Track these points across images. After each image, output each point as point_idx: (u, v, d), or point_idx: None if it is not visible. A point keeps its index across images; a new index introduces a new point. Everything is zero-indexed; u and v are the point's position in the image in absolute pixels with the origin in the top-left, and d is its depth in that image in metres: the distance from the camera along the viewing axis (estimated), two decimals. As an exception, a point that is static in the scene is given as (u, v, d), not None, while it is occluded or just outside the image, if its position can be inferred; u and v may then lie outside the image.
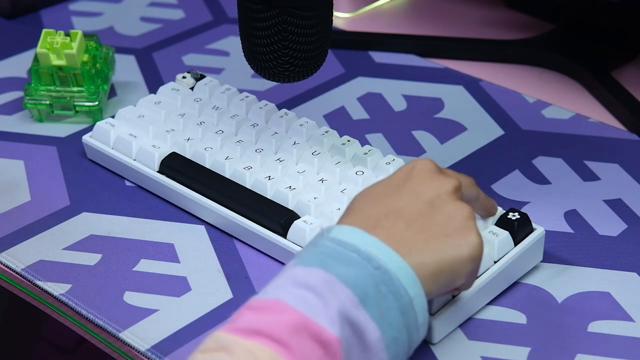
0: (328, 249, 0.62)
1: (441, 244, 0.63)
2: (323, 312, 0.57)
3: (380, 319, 0.60)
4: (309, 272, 0.60)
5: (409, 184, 0.66)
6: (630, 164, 0.87)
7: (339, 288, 0.59)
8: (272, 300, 0.58)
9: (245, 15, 0.74)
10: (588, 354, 0.68)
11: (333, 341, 0.57)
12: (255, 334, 0.56)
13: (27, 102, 0.93)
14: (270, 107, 0.87)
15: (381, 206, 0.65)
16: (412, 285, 0.61)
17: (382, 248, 0.62)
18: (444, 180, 0.66)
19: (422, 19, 1.12)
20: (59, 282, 0.75)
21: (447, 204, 0.65)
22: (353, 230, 0.63)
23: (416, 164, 0.67)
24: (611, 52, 1.01)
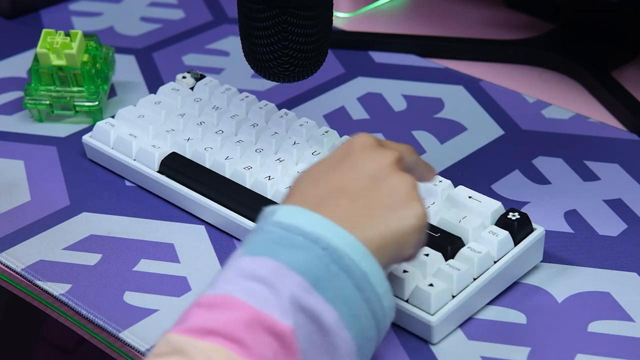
0: (274, 234, 0.61)
1: (386, 216, 0.63)
2: (275, 304, 0.57)
3: (335, 299, 0.59)
4: (257, 261, 0.59)
5: (349, 159, 0.65)
6: (630, 164, 0.87)
7: (288, 276, 0.58)
8: (222, 296, 0.57)
9: (245, 15, 0.74)
10: (588, 354, 0.68)
11: (288, 332, 0.56)
12: (209, 333, 0.55)
13: (27, 102, 0.93)
14: (270, 107, 0.87)
15: (323, 185, 0.64)
16: (364, 259, 0.61)
17: (328, 226, 0.61)
18: (384, 152, 0.66)
19: (422, 19, 1.12)
20: (59, 282, 0.75)
21: (389, 176, 0.64)
22: (297, 210, 0.62)
23: (354, 140, 0.66)
24: (611, 52, 1.01)
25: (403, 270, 0.69)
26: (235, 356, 0.54)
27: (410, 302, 0.69)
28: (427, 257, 0.70)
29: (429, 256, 0.70)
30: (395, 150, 0.66)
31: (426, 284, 0.68)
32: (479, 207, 0.74)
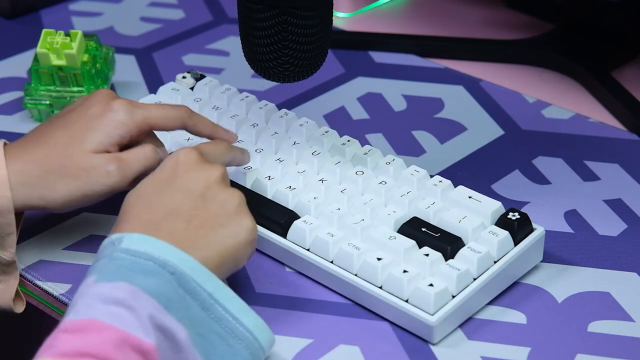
0: (125, 261, 0.63)
1: (221, 235, 0.67)
2: (137, 324, 0.59)
3: (184, 319, 0.62)
4: (114, 287, 0.61)
5: (178, 179, 0.68)
6: (630, 164, 0.87)
7: (144, 299, 0.61)
8: (87, 320, 0.59)
9: (245, 15, 0.74)
10: (588, 354, 0.68)
11: (152, 350, 0.59)
12: (82, 356, 0.56)
13: (27, 102, 0.93)
14: (270, 107, 0.87)
15: (157, 208, 0.67)
16: (208, 281, 0.64)
17: (173, 252, 0.64)
18: (210, 170, 0.69)
19: (422, 19, 1.12)
20: (59, 282, 0.75)
21: (217, 193, 0.68)
22: (143, 238, 0.64)
23: (179, 157, 0.69)
24: (611, 52, 1.01)
25: (403, 270, 0.69)
26: None
27: (410, 302, 0.69)
28: (427, 257, 0.70)
29: (429, 256, 0.70)
30: (219, 166, 0.70)
31: (426, 284, 0.68)
32: (479, 207, 0.74)
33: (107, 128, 0.73)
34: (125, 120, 0.73)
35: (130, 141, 0.74)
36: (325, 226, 0.74)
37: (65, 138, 0.73)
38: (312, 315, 0.72)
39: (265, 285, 0.74)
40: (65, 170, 0.72)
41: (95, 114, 0.74)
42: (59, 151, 0.72)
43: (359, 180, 0.78)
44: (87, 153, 0.72)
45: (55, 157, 0.72)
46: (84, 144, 0.72)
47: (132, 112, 0.74)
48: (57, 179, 0.72)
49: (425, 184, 0.77)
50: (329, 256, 0.73)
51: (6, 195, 0.71)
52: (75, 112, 0.75)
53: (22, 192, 0.72)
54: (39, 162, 0.72)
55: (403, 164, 0.80)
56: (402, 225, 0.74)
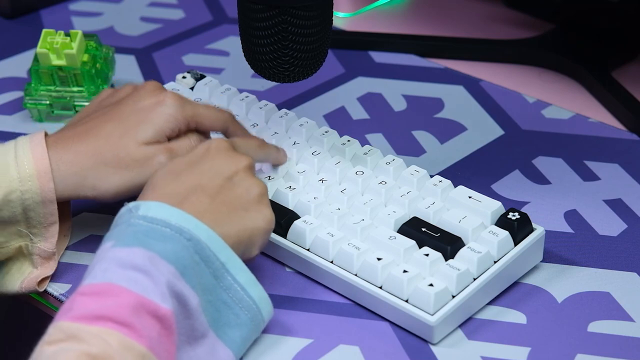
0: (142, 227, 0.64)
1: (241, 216, 0.68)
2: (154, 290, 0.61)
3: (198, 286, 0.64)
4: (132, 252, 0.62)
5: (208, 161, 0.70)
6: (630, 164, 0.87)
7: (161, 264, 0.62)
8: (105, 284, 0.60)
9: (245, 15, 0.74)
10: (588, 354, 0.68)
11: (168, 315, 0.60)
12: (99, 319, 0.58)
13: (27, 102, 0.93)
14: (270, 107, 0.87)
15: (184, 183, 0.68)
16: (222, 251, 0.66)
17: (190, 220, 0.65)
18: (239, 158, 0.71)
19: (422, 19, 1.12)
20: (59, 282, 0.75)
21: (244, 180, 0.70)
22: (161, 205, 0.66)
23: (211, 144, 0.72)
24: (611, 52, 1.01)
25: (403, 270, 0.69)
26: (127, 339, 0.58)
27: (410, 302, 0.69)
28: (427, 257, 0.70)
29: (429, 256, 0.70)
30: (248, 157, 0.72)
31: (426, 284, 0.68)
32: (479, 207, 0.74)
33: (159, 121, 0.74)
34: (176, 114, 0.75)
35: (178, 135, 0.76)
36: (325, 226, 0.74)
37: (118, 130, 0.74)
38: (312, 315, 0.72)
39: (265, 285, 0.74)
40: (118, 161, 0.73)
41: (146, 106, 0.75)
42: (112, 143, 0.73)
43: (359, 180, 0.78)
44: (140, 145, 0.73)
45: (108, 148, 0.73)
46: (137, 136, 0.73)
47: (182, 107, 0.75)
48: (110, 170, 0.73)
49: (425, 184, 0.77)
50: (329, 256, 0.73)
51: (49, 186, 0.72)
52: (126, 104, 0.75)
53: (74, 182, 0.73)
54: (91, 154, 0.73)
55: (403, 164, 0.80)
56: (402, 225, 0.74)
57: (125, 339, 0.57)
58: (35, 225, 0.73)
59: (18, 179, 0.71)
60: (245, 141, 0.76)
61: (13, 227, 0.72)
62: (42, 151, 0.72)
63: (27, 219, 0.72)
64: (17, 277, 0.74)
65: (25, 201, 0.71)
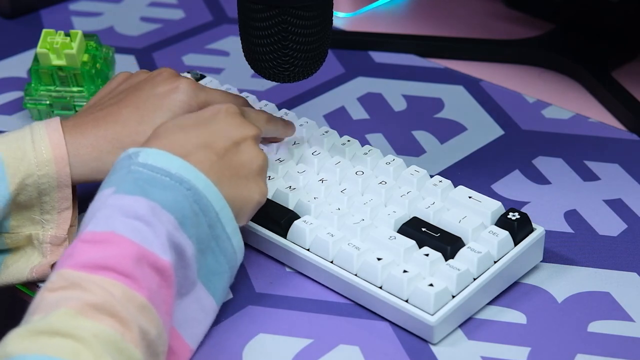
0: (143, 174, 0.65)
1: (241, 183, 0.69)
2: (155, 241, 0.61)
3: (194, 236, 0.65)
4: (134, 200, 0.63)
5: (217, 122, 0.71)
6: (630, 164, 0.87)
7: (163, 214, 0.63)
8: (108, 232, 0.61)
9: (245, 15, 0.74)
10: (588, 354, 0.68)
11: (167, 266, 0.61)
12: (102, 268, 0.58)
13: (27, 102, 0.93)
14: (270, 107, 0.87)
15: (191, 138, 0.69)
16: (217, 200, 0.66)
17: (189, 169, 0.66)
18: (249, 126, 0.72)
19: (422, 19, 1.12)
20: (59, 282, 0.75)
21: (250, 148, 0.71)
22: (160, 153, 0.66)
23: (222, 107, 0.72)
24: (611, 52, 1.01)
25: (403, 270, 0.69)
26: (129, 289, 0.58)
27: (410, 302, 0.69)
28: (427, 257, 0.70)
29: (429, 256, 0.70)
30: (257, 127, 0.72)
31: (426, 284, 0.68)
32: (479, 207, 0.74)
33: (173, 107, 0.75)
34: (190, 101, 0.76)
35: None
36: (325, 226, 0.74)
37: (135, 116, 0.75)
38: (312, 315, 0.72)
39: (265, 285, 0.74)
40: (136, 146, 0.73)
41: (162, 93, 0.76)
42: (131, 128, 0.74)
43: (359, 180, 0.78)
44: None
45: (126, 134, 0.74)
46: (155, 121, 0.74)
47: (196, 94, 0.76)
48: None
49: (425, 184, 0.77)
50: (329, 256, 0.73)
51: (66, 171, 0.73)
52: (143, 89, 0.77)
53: (93, 167, 0.74)
54: (110, 138, 0.74)
55: (403, 164, 0.80)
56: (402, 225, 0.74)
57: (127, 289, 0.58)
58: (48, 211, 0.73)
59: (35, 164, 0.72)
60: (256, 112, 0.77)
61: (27, 213, 0.73)
62: (59, 137, 0.73)
63: (42, 204, 0.73)
64: (25, 266, 0.74)
65: (41, 185, 0.72)
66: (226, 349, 0.68)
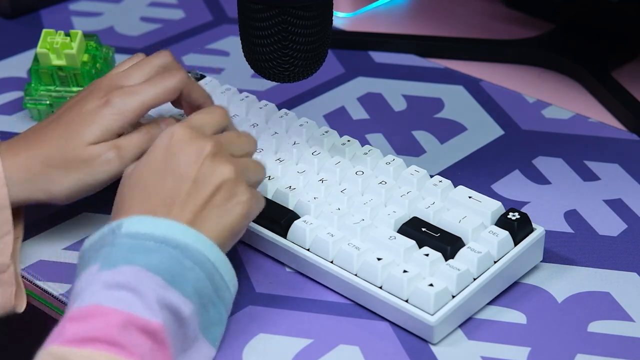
0: (126, 245, 0.64)
1: (218, 213, 0.67)
2: (142, 305, 0.60)
3: (192, 292, 0.64)
4: (117, 272, 0.62)
5: (170, 163, 0.68)
6: (630, 164, 0.87)
7: (147, 277, 0.62)
8: (92, 306, 0.60)
9: (245, 15, 0.74)
10: (588, 354, 0.68)
11: (159, 329, 0.60)
12: (88, 341, 0.57)
13: (27, 102, 0.93)
14: (270, 107, 0.87)
15: (152, 197, 0.67)
16: (211, 250, 0.66)
17: (174, 226, 0.65)
18: (202, 145, 0.68)
19: (422, 19, 1.12)
20: (59, 282, 0.75)
21: (210, 175, 0.68)
22: (142, 219, 0.65)
23: (172, 136, 0.69)
24: (611, 52, 1.01)
25: (403, 270, 0.69)
26: (119, 358, 0.58)
27: (410, 302, 0.69)
28: (427, 257, 0.70)
29: (429, 256, 0.70)
30: (210, 140, 0.69)
31: (426, 284, 0.68)
32: (479, 207, 0.74)
33: (105, 121, 0.74)
34: (124, 112, 0.74)
35: (130, 127, 0.76)
36: (325, 226, 0.74)
37: (65, 134, 0.74)
38: (312, 315, 0.72)
39: (265, 285, 0.74)
40: (67, 163, 0.73)
41: (92, 109, 0.75)
42: (60, 146, 0.74)
43: (359, 180, 0.78)
44: (87, 145, 0.74)
45: (57, 152, 0.73)
46: (84, 137, 0.74)
47: (128, 103, 0.74)
48: (60, 173, 0.73)
49: (425, 184, 0.77)
50: (329, 256, 0.73)
51: (3, 192, 0.72)
52: (72, 109, 0.76)
53: (27, 188, 0.73)
54: (41, 158, 0.73)
55: (403, 164, 0.80)
56: (402, 225, 0.74)
57: (116, 358, 0.57)
58: None
59: None
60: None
61: None
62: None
63: None
64: None
65: None
66: (226, 349, 0.68)
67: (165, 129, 0.73)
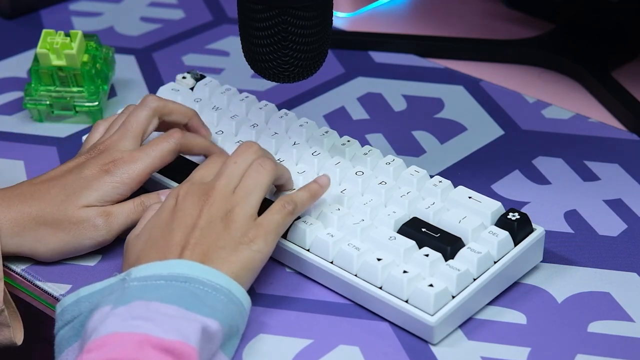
0: (137, 287, 0.65)
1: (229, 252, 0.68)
2: (157, 328, 0.61)
3: (210, 312, 0.64)
4: (130, 306, 0.63)
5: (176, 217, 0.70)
6: (630, 164, 0.87)
7: (161, 307, 0.63)
8: (107, 335, 0.61)
9: (245, 16, 0.74)
10: (588, 354, 0.68)
11: (177, 346, 0.60)
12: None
13: (27, 102, 0.93)
14: (270, 107, 0.87)
15: (161, 246, 0.69)
16: (220, 278, 0.66)
17: (181, 264, 0.66)
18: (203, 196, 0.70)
19: (422, 19, 1.12)
20: (59, 282, 0.75)
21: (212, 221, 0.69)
22: (150, 264, 0.66)
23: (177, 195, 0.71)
24: (611, 52, 1.01)
25: (403, 270, 0.69)
26: None
27: (410, 303, 0.69)
28: (427, 257, 0.70)
29: (428, 256, 0.70)
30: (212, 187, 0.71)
31: (426, 284, 0.68)
32: (479, 207, 0.74)
33: (105, 188, 0.75)
34: (125, 181, 0.76)
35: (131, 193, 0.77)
36: (325, 226, 0.74)
37: (61, 195, 0.75)
38: (312, 315, 0.72)
39: (265, 285, 0.74)
40: (57, 224, 0.74)
41: (91, 175, 0.75)
42: (54, 206, 0.74)
43: (359, 180, 0.78)
44: (80, 208, 0.74)
45: (50, 210, 0.74)
46: (79, 200, 0.74)
47: (129, 171, 0.76)
48: (49, 232, 0.74)
49: (425, 184, 0.77)
50: (329, 256, 0.73)
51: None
52: (71, 173, 0.76)
53: (15, 243, 0.74)
54: (34, 216, 0.74)
55: (403, 164, 0.80)
56: (402, 225, 0.74)
57: None
58: None
59: None
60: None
61: None
62: None
63: None
64: None
65: None
66: (226, 349, 0.68)
67: (163, 199, 0.75)
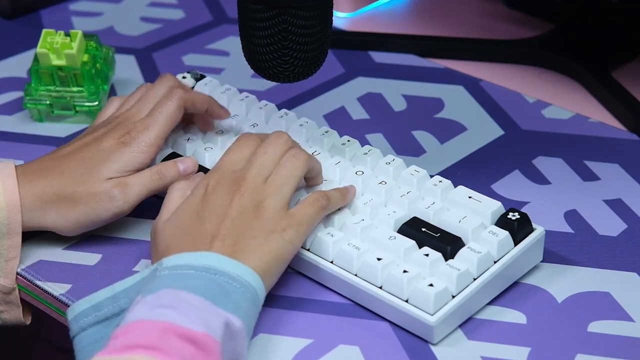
0: (167, 275, 0.65)
1: (258, 243, 0.69)
2: (182, 318, 0.61)
3: (235, 309, 0.64)
4: (158, 295, 0.63)
5: (207, 207, 0.70)
6: (630, 164, 0.87)
7: (188, 296, 0.63)
8: (133, 322, 0.61)
9: (245, 16, 0.74)
10: (588, 354, 0.68)
11: (201, 337, 0.60)
12: (129, 348, 0.59)
13: (27, 102, 0.93)
14: (270, 107, 0.87)
15: (192, 236, 0.69)
16: (251, 276, 0.67)
17: (212, 257, 0.66)
18: (234, 186, 0.71)
19: (422, 19, 1.12)
20: (59, 282, 0.75)
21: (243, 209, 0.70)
22: (182, 255, 0.67)
23: (207, 185, 0.71)
24: (611, 52, 1.01)
25: (403, 270, 0.69)
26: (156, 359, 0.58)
27: (410, 302, 0.69)
28: (427, 257, 0.70)
29: (428, 256, 0.70)
30: (242, 177, 0.71)
31: (426, 284, 0.68)
32: (479, 207, 0.74)
33: (125, 157, 0.76)
34: (144, 149, 0.76)
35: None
36: (325, 226, 0.74)
37: (81, 169, 0.75)
38: (312, 315, 0.72)
39: (265, 285, 0.74)
40: (77, 196, 0.74)
41: (110, 147, 0.76)
42: (74, 180, 0.75)
43: (358, 180, 0.78)
44: (98, 180, 0.75)
45: (71, 184, 0.75)
46: (99, 173, 0.75)
47: (149, 137, 0.77)
48: (70, 206, 0.75)
49: (425, 184, 0.77)
50: (329, 256, 0.73)
51: (17, 219, 0.73)
52: (89, 146, 0.77)
53: (37, 216, 0.75)
54: (55, 189, 0.74)
55: (403, 164, 0.80)
56: (402, 225, 0.74)
57: (155, 359, 0.58)
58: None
59: None
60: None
61: None
62: (13, 183, 0.74)
63: None
64: None
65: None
66: (226, 349, 0.68)
67: (181, 168, 0.77)
